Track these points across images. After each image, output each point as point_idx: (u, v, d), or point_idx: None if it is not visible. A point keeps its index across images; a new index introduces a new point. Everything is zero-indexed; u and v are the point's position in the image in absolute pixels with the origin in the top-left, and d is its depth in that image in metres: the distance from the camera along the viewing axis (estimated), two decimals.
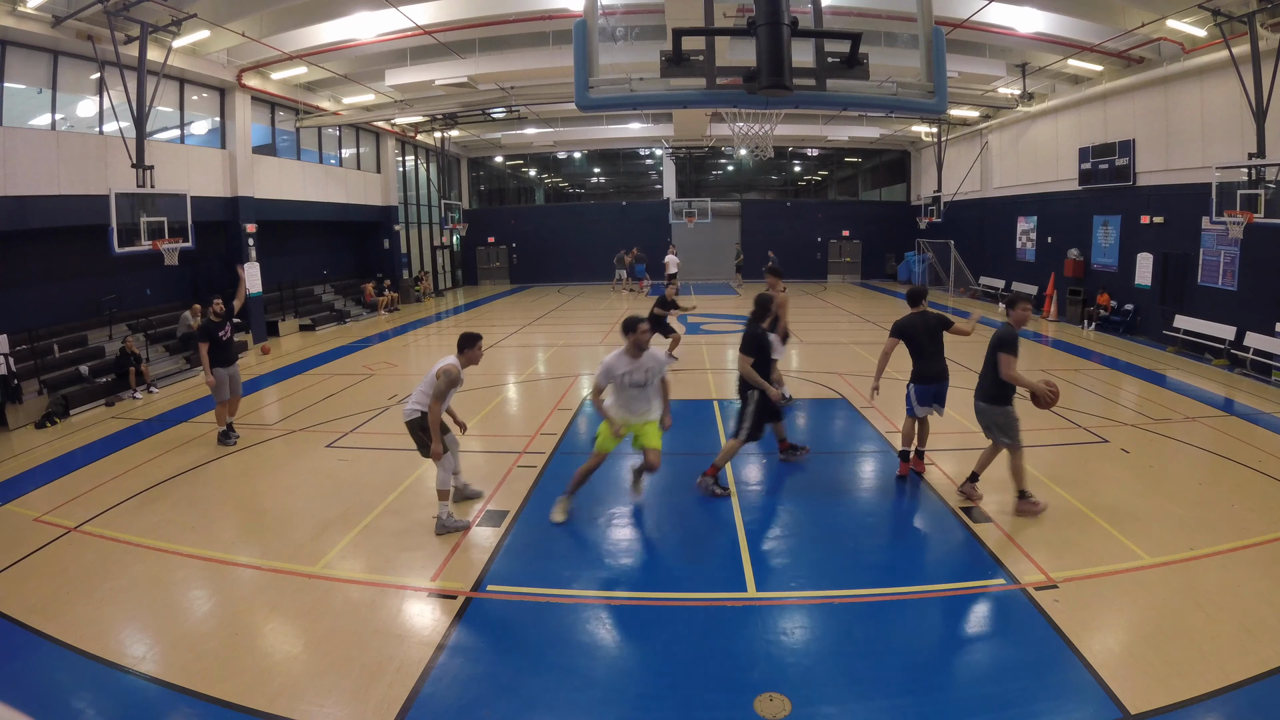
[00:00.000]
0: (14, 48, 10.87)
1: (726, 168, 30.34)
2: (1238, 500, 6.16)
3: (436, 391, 5.43)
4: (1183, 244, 13.89)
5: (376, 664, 4.00)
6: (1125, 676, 3.75)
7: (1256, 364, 11.54)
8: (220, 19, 12.38)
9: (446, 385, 5.42)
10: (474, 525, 5.83)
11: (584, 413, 9.44)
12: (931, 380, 6.44)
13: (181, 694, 3.76)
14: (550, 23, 14.20)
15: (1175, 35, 12.79)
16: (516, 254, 29.46)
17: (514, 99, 18.30)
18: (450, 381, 5.42)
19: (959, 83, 17.44)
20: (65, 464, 7.87)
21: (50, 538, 5.77)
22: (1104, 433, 8.16)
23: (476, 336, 5.66)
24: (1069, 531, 5.59)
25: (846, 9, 12.62)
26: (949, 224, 23.35)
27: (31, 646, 4.25)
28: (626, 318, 5.73)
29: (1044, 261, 18.94)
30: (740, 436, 6.34)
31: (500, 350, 14.41)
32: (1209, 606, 4.43)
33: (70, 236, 12.05)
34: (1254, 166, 10.92)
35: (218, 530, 5.92)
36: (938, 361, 6.48)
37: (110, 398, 10.76)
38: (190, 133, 14.99)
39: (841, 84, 4.17)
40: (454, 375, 5.43)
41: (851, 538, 5.64)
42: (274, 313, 17.40)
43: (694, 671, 3.97)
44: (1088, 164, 16.57)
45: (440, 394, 5.43)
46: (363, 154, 22.03)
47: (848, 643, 4.22)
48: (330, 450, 8.05)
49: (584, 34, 4.05)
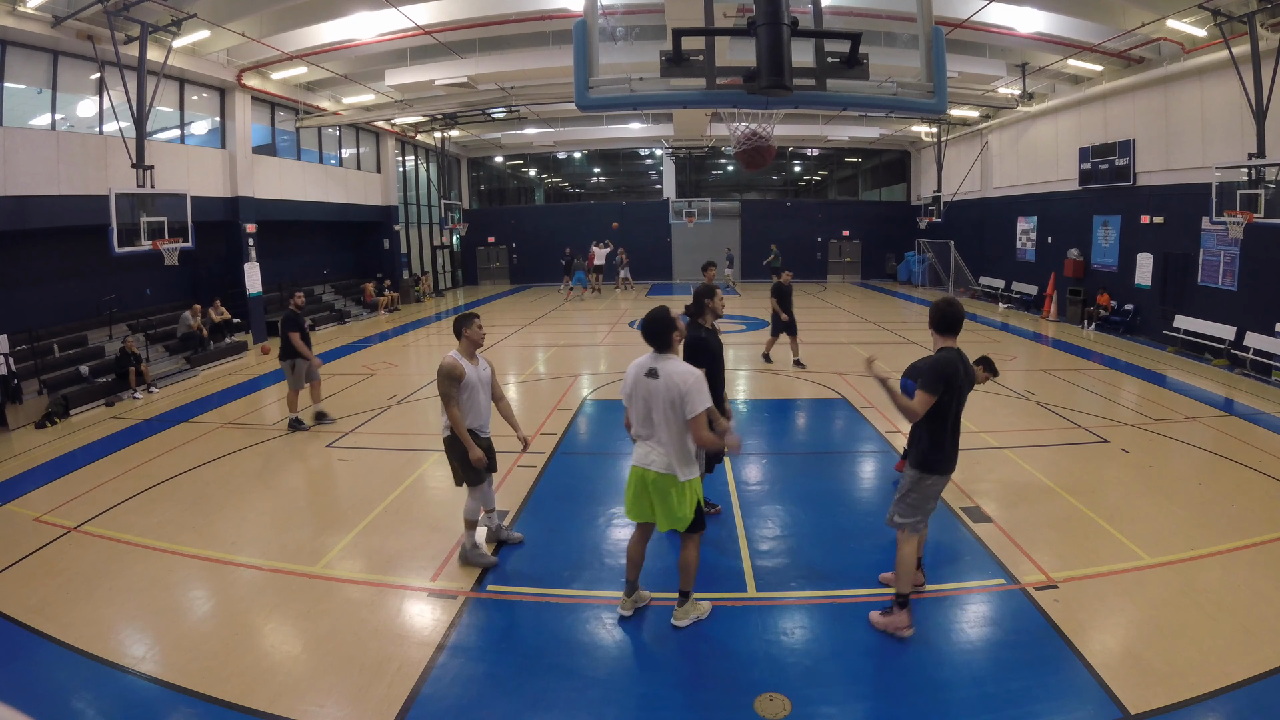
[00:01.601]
0: (14, 48, 10.87)
1: (726, 168, 30.33)
2: (1238, 500, 6.16)
3: (443, 396, 4.89)
4: (1183, 244, 13.89)
5: (376, 664, 4.00)
6: (1125, 676, 3.75)
7: (1256, 364, 11.54)
8: (220, 19, 12.38)
9: (448, 385, 4.85)
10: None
11: (584, 413, 9.45)
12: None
13: (181, 694, 3.76)
14: (550, 23, 14.20)
15: (1175, 35, 12.80)
16: (516, 254, 29.47)
17: (514, 99, 18.30)
18: (448, 378, 4.84)
19: (959, 83, 17.44)
20: (65, 464, 7.87)
21: (50, 538, 5.78)
22: (1104, 433, 8.16)
23: (471, 315, 5.08)
24: (1069, 531, 5.59)
25: (846, 9, 12.62)
26: (949, 224, 23.35)
27: (31, 646, 4.24)
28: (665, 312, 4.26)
29: (1044, 261, 18.95)
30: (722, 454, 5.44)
31: (500, 350, 14.40)
32: (1209, 606, 4.43)
33: (70, 236, 12.05)
34: (1254, 166, 10.93)
35: (218, 530, 5.92)
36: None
37: (110, 398, 10.76)
38: (190, 133, 14.99)
39: (841, 84, 4.17)
40: (450, 371, 4.84)
41: (851, 538, 5.64)
42: (274, 313, 17.38)
43: (694, 671, 3.97)
44: (1088, 164, 16.57)
45: (448, 396, 4.87)
46: (363, 154, 22.03)
47: (848, 643, 4.21)
48: (330, 450, 8.05)
49: (584, 34, 4.05)
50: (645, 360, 4.20)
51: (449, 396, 4.87)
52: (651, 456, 4.12)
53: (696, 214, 25.08)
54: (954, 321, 4.07)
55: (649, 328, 4.17)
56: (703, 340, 5.37)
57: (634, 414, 4.21)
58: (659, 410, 4.06)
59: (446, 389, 4.89)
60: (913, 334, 15.46)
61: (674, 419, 4.03)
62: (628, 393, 4.23)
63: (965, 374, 4.03)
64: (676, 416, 4.02)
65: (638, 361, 4.25)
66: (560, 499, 6.49)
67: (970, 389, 4.16)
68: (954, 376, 3.95)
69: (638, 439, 4.23)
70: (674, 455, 4.07)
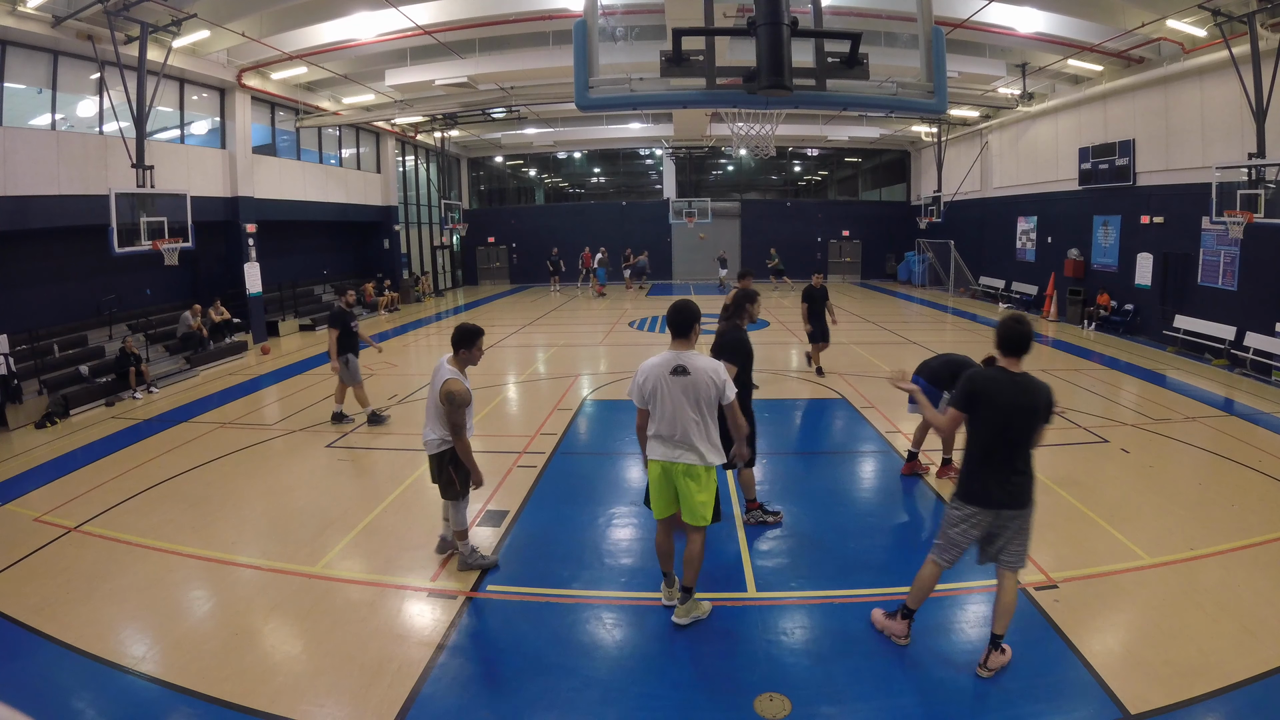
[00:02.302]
0: (14, 48, 10.88)
1: (726, 168, 30.34)
2: (1238, 500, 6.16)
3: (454, 425, 4.63)
4: (1183, 244, 13.89)
5: (376, 664, 4.00)
6: (1125, 676, 3.75)
7: (1256, 364, 11.54)
8: (220, 19, 12.39)
9: (460, 415, 4.61)
10: (475, 523, 5.82)
11: (584, 413, 9.45)
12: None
13: (181, 694, 3.76)
14: (550, 23, 14.21)
15: (1175, 35, 12.80)
16: (516, 254, 29.47)
17: (514, 99, 18.30)
18: (461, 406, 4.60)
19: (959, 83, 17.45)
20: (65, 464, 7.87)
21: (50, 538, 5.77)
22: (1104, 433, 8.16)
23: (477, 332, 4.77)
24: (1069, 531, 5.59)
25: (846, 9, 12.63)
26: (949, 224, 23.35)
27: (32, 646, 4.24)
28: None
29: (1044, 261, 18.95)
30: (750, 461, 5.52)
31: (500, 350, 14.40)
32: (1209, 606, 4.43)
33: (70, 236, 12.06)
34: (1254, 166, 10.93)
35: (218, 530, 5.92)
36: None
37: (110, 398, 10.77)
38: (190, 133, 14.99)
39: (841, 84, 4.17)
40: (462, 398, 4.59)
41: (851, 538, 5.64)
42: (274, 313, 17.40)
43: (694, 671, 3.97)
44: (1088, 164, 16.58)
45: (459, 426, 4.64)
46: (363, 154, 22.04)
47: (848, 643, 4.21)
48: (330, 450, 8.05)
49: (584, 34, 4.05)
50: (667, 358, 4.14)
51: (461, 427, 4.67)
52: (679, 451, 4.13)
53: (696, 214, 25.09)
54: (1015, 341, 3.72)
55: (676, 317, 4.17)
56: (742, 340, 5.46)
57: (658, 414, 4.14)
58: (690, 404, 4.06)
59: (460, 419, 4.65)
60: (912, 334, 15.47)
61: (707, 410, 4.08)
62: (648, 393, 4.15)
63: (1015, 400, 3.63)
64: (711, 408, 4.08)
65: (654, 362, 4.17)
66: (560, 499, 6.49)
67: (1034, 420, 3.66)
68: (988, 396, 3.64)
69: (659, 438, 4.18)
70: (706, 445, 4.12)
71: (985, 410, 3.68)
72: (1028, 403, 3.65)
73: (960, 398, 3.74)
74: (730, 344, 5.37)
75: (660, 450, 4.19)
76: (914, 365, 6.56)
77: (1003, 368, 3.76)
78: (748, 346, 5.51)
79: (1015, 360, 3.75)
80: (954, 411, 3.77)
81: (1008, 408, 3.64)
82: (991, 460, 3.69)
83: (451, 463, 4.85)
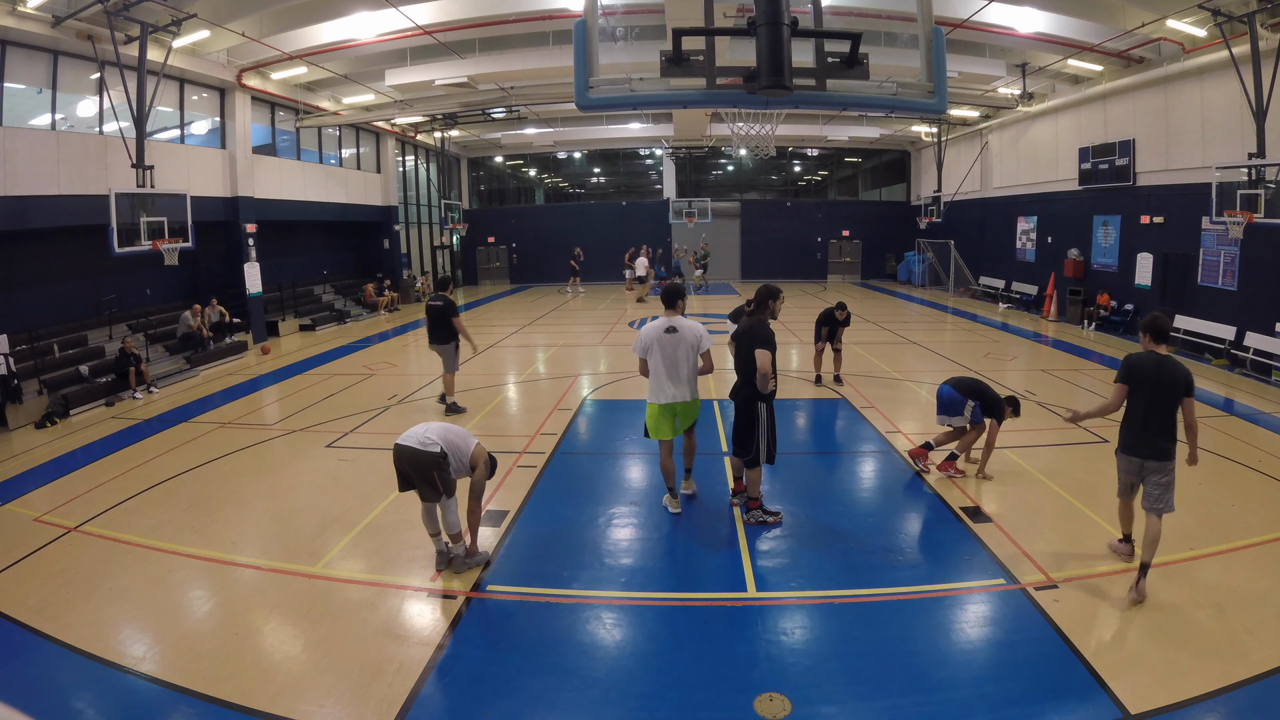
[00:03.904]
0: (14, 48, 10.87)
1: (726, 168, 30.33)
2: (1238, 500, 6.16)
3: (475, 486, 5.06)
4: (1183, 244, 13.90)
5: (376, 664, 4.00)
6: (1125, 676, 3.75)
7: (1256, 364, 11.54)
8: (220, 19, 12.39)
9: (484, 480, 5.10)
10: None
11: (584, 413, 9.45)
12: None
13: (181, 694, 3.76)
14: (550, 23, 14.21)
15: (1175, 35, 12.80)
16: (516, 254, 29.47)
17: (514, 99, 18.30)
18: (492, 472, 5.16)
19: (959, 83, 17.44)
20: (65, 464, 7.87)
21: (50, 538, 5.78)
22: (1104, 433, 8.15)
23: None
24: (1069, 531, 5.60)
25: (846, 9, 12.62)
26: (949, 224, 23.35)
27: (31, 646, 4.24)
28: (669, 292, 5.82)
29: (1044, 261, 18.95)
30: (764, 458, 5.68)
31: (500, 350, 14.41)
32: (1209, 606, 4.44)
33: (70, 236, 12.05)
34: (1254, 166, 10.93)
35: (218, 530, 5.92)
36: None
37: (110, 398, 10.76)
38: (190, 133, 14.99)
39: (841, 84, 4.18)
40: (490, 462, 5.13)
41: (851, 538, 5.63)
42: (274, 313, 17.40)
43: (694, 671, 3.96)
44: (1088, 164, 16.58)
45: (480, 488, 5.09)
46: (363, 154, 22.03)
47: (848, 643, 4.22)
48: (330, 450, 8.05)
49: (584, 34, 4.06)
50: (661, 322, 5.71)
51: (483, 490, 5.14)
52: (680, 391, 5.74)
53: (696, 214, 25.06)
54: (1160, 330, 4.80)
55: (668, 294, 5.85)
56: (767, 338, 5.62)
57: (656, 363, 5.69)
58: (683, 354, 5.67)
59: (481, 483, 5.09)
60: (913, 334, 15.46)
61: (693, 358, 5.72)
62: (646, 346, 5.72)
63: (1158, 374, 4.64)
64: (694, 356, 5.72)
65: (652, 324, 5.75)
66: (560, 499, 6.49)
67: (1175, 390, 4.63)
68: (1143, 370, 4.68)
69: (658, 385, 5.71)
70: (694, 384, 5.80)
71: (1137, 382, 4.68)
72: (1169, 376, 4.63)
73: (1123, 373, 4.76)
74: (768, 335, 5.61)
75: (661, 396, 5.72)
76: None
77: (1151, 350, 4.75)
78: (770, 337, 5.67)
79: (1160, 345, 4.77)
80: (1118, 385, 4.78)
81: (1155, 380, 4.64)
82: (1140, 421, 4.70)
83: (437, 468, 4.89)
